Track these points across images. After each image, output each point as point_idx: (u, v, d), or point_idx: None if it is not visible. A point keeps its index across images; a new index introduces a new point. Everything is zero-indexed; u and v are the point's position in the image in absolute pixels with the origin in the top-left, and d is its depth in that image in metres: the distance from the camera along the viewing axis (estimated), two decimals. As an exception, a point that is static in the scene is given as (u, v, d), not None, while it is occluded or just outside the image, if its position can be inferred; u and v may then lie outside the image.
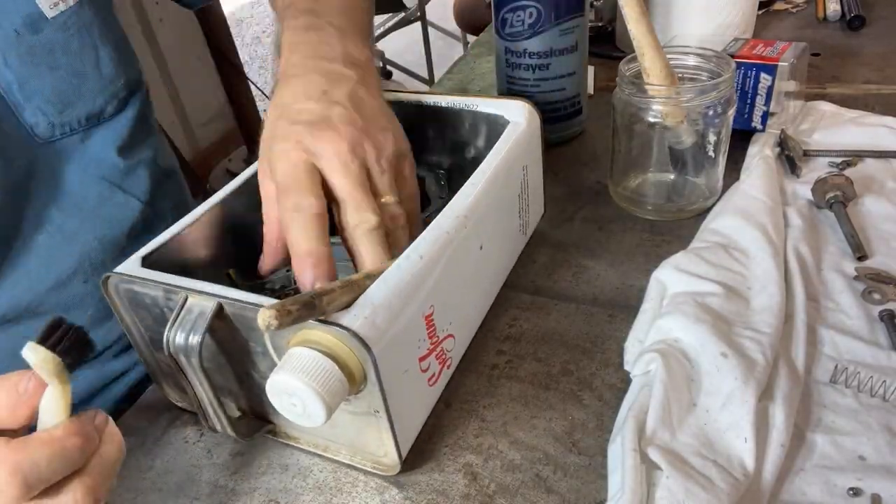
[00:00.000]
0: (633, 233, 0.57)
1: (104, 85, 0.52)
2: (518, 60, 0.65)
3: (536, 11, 0.61)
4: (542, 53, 0.64)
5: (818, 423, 0.39)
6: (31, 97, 0.48)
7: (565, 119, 0.69)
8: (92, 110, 0.51)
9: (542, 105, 0.54)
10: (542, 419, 0.42)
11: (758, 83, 0.62)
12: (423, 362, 0.39)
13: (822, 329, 0.45)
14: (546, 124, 0.53)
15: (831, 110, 0.69)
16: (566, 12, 0.62)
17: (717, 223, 0.53)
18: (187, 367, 0.36)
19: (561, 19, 0.62)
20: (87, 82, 0.50)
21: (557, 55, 0.64)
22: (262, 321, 0.30)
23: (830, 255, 0.51)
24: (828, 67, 0.81)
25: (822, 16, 0.96)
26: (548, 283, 0.53)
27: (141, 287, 0.38)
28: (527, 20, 0.62)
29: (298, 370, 0.32)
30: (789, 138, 0.62)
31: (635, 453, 0.36)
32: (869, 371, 0.41)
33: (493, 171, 0.45)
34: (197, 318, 0.35)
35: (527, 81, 0.66)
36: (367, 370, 0.34)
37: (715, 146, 0.55)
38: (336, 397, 0.33)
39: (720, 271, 0.47)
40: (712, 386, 0.39)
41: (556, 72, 0.65)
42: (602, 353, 0.46)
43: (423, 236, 0.39)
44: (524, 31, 0.63)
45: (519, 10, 0.61)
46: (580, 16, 0.64)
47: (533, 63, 0.64)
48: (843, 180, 0.54)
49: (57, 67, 0.48)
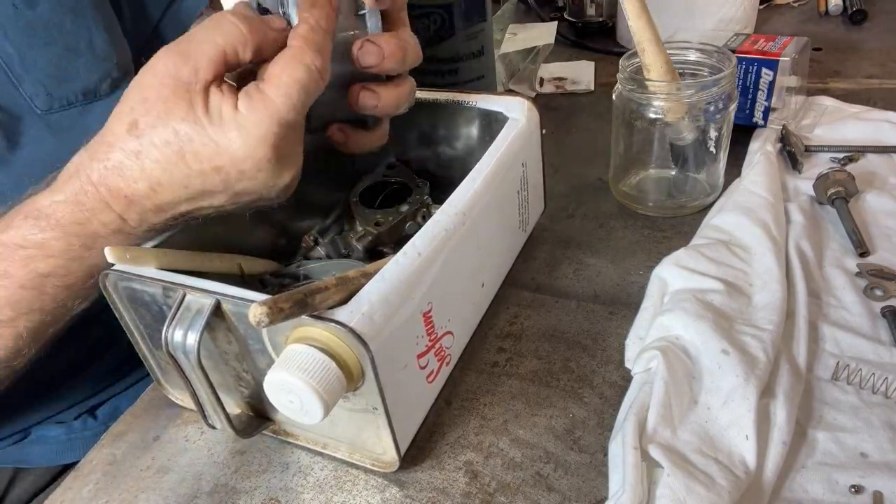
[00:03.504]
0: (634, 229, 0.57)
1: (97, 63, 0.53)
2: (427, 66, 0.66)
3: (441, 18, 0.62)
4: (450, 59, 0.65)
5: (820, 421, 0.39)
6: (30, 69, 0.49)
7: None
8: (87, 86, 0.52)
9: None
10: (543, 417, 0.42)
11: (759, 78, 0.61)
12: (422, 359, 0.39)
13: (824, 326, 0.45)
14: None
15: (833, 105, 0.69)
16: (470, 18, 0.64)
17: (718, 219, 0.53)
18: (185, 364, 0.36)
19: (465, 25, 0.64)
20: (81, 58, 0.52)
21: (465, 60, 0.66)
22: (254, 317, 0.30)
23: (832, 251, 0.51)
24: (829, 62, 0.81)
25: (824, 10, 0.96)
26: (548, 280, 0.53)
27: (139, 284, 0.38)
28: (432, 27, 0.63)
29: (296, 367, 0.32)
30: (791, 134, 0.62)
31: (636, 451, 0.35)
32: (871, 368, 0.41)
33: (491, 167, 0.45)
34: (195, 316, 0.35)
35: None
36: (364, 367, 0.34)
37: (716, 142, 0.55)
38: (333, 394, 0.32)
39: (721, 268, 0.47)
40: (713, 383, 0.39)
41: (464, 76, 0.66)
42: (603, 351, 0.46)
43: (421, 233, 0.39)
44: (431, 38, 0.64)
45: (423, 17, 0.63)
46: (483, 21, 0.65)
47: (441, 69, 0.66)
48: (845, 176, 0.54)
49: (52, 43, 0.50)
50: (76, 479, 0.42)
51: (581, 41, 0.96)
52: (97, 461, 0.43)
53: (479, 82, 0.68)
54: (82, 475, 0.42)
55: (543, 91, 0.83)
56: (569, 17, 1.01)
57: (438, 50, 0.65)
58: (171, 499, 0.40)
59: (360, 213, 0.52)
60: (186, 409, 0.46)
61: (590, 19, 0.99)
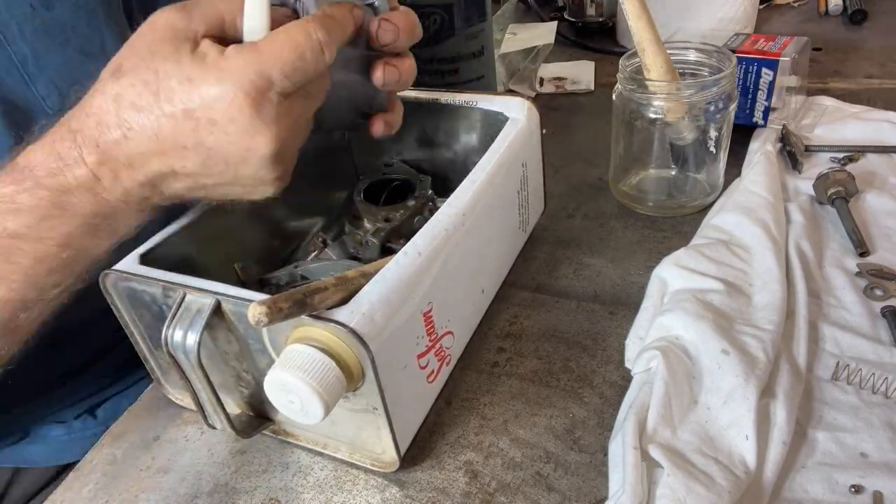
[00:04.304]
0: (634, 229, 0.57)
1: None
2: (426, 66, 0.67)
3: (440, 18, 0.63)
4: (450, 59, 0.66)
5: (820, 421, 0.39)
6: (44, 69, 0.49)
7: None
8: None
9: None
10: (543, 417, 0.42)
11: (759, 78, 0.61)
12: (422, 359, 0.39)
13: (824, 326, 0.45)
14: None
15: (833, 105, 0.69)
16: (470, 19, 0.64)
17: (718, 219, 0.53)
18: (185, 364, 0.36)
19: (465, 25, 0.64)
20: (93, 61, 0.51)
21: (465, 60, 0.66)
22: (252, 316, 0.30)
23: (832, 251, 0.51)
24: (829, 62, 0.81)
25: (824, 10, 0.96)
26: (548, 280, 0.53)
27: (139, 284, 0.38)
28: (432, 27, 0.63)
29: (296, 367, 0.32)
30: (791, 134, 0.62)
31: (636, 451, 0.35)
32: (871, 368, 0.41)
33: (491, 167, 0.45)
34: (195, 316, 0.35)
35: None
36: (364, 367, 0.34)
37: (716, 142, 0.55)
38: (333, 394, 0.32)
39: (721, 268, 0.47)
40: (713, 383, 0.39)
41: (464, 76, 0.66)
42: (603, 351, 0.46)
43: (421, 233, 0.39)
44: (430, 38, 0.64)
45: (423, 17, 0.63)
46: (483, 21, 0.66)
47: (443, 69, 0.66)
48: (845, 176, 0.54)
49: (67, 44, 0.50)
50: (76, 479, 0.42)
51: (581, 41, 0.96)
52: (97, 461, 0.43)
53: (479, 82, 0.68)
54: (82, 475, 0.42)
55: (543, 91, 0.83)
56: (569, 16, 1.01)
57: (438, 50, 0.65)
58: (171, 499, 0.40)
59: (367, 211, 0.52)
60: (186, 409, 0.46)
61: (590, 19, 0.99)
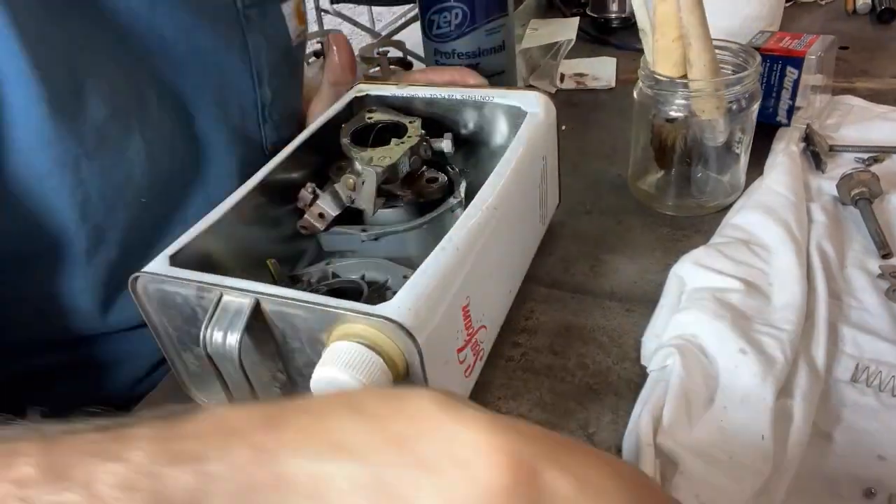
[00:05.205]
0: (653, 227, 0.56)
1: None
2: (447, 61, 0.67)
3: (462, 12, 0.63)
4: (471, 53, 0.66)
5: (837, 422, 0.38)
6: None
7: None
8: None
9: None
10: (557, 412, 0.42)
11: (784, 77, 0.61)
12: (461, 353, 0.39)
13: (844, 327, 0.44)
14: None
15: (859, 105, 0.68)
16: (491, 13, 0.64)
17: (738, 218, 0.52)
18: (226, 366, 0.35)
19: (486, 19, 0.64)
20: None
21: (486, 55, 0.66)
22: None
23: (854, 252, 0.50)
24: (856, 61, 0.80)
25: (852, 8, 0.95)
26: (565, 276, 0.52)
27: (171, 286, 0.37)
28: (453, 21, 0.63)
29: (344, 364, 0.31)
30: (815, 133, 0.61)
31: (650, 448, 0.35)
32: (891, 370, 0.41)
33: (516, 161, 0.45)
34: (234, 316, 0.35)
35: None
36: (410, 361, 0.33)
37: (739, 141, 0.54)
38: None
39: (740, 267, 0.47)
40: (730, 382, 0.39)
41: (485, 71, 0.66)
42: (619, 348, 0.45)
43: (456, 226, 0.39)
44: (451, 32, 0.64)
45: (444, 11, 0.63)
46: (505, 15, 0.66)
47: (462, 63, 0.66)
48: (870, 176, 0.53)
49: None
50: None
51: (602, 37, 0.96)
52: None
53: (499, 77, 0.68)
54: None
55: (564, 87, 0.83)
56: (591, 12, 1.00)
57: (459, 44, 0.65)
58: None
59: (356, 155, 0.47)
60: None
61: (612, 15, 0.98)
